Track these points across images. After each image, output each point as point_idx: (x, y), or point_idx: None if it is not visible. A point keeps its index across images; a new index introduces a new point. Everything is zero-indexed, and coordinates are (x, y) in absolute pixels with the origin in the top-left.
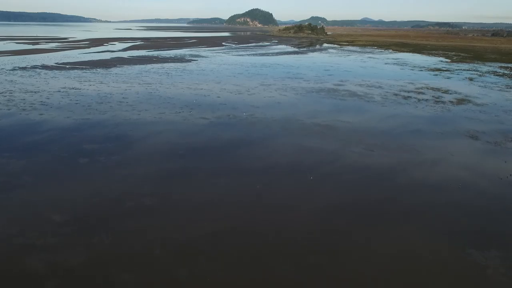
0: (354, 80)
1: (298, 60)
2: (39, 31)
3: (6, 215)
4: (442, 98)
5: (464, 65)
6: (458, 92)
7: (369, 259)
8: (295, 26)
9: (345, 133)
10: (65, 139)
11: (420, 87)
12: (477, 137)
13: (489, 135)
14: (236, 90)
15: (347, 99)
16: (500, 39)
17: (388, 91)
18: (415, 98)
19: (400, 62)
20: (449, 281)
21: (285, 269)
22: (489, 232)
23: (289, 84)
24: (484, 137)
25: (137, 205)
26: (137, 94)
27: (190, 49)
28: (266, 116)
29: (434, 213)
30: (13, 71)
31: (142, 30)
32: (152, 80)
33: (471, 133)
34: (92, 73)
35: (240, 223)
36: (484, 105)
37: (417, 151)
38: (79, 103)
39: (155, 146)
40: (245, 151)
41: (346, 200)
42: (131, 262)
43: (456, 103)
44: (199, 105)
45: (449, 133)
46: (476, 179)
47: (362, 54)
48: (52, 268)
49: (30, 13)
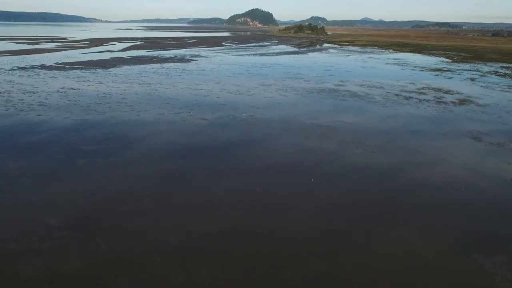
0: (354, 80)
1: (299, 60)
2: (39, 31)
3: (1, 216)
4: (443, 98)
5: (465, 65)
6: (459, 93)
7: (369, 259)
8: (295, 26)
9: (346, 133)
10: (63, 140)
11: (421, 87)
12: (480, 138)
13: (492, 136)
14: (236, 91)
15: (348, 100)
16: (501, 39)
17: (389, 92)
18: (416, 99)
19: (400, 62)
20: (449, 282)
21: (285, 269)
22: (492, 234)
23: (289, 84)
24: (487, 138)
25: (135, 207)
26: (137, 94)
27: (190, 49)
28: (266, 116)
29: (438, 213)
30: (12, 71)
31: (142, 30)
32: (151, 80)
33: (473, 134)
34: (91, 73)
35: (240, 223)
36: (486, 105)
37: (418, 152)
38: (78, 103)
39: (154, 146)
40: (245, 151)
41: (346, 200)
42: (130, 264)
43: (458, 104)
44: (198, 106)
45: (451, 134)
46: (479, 181)
47: (362, 54)
48: (45, 273)
49: (30, 13)
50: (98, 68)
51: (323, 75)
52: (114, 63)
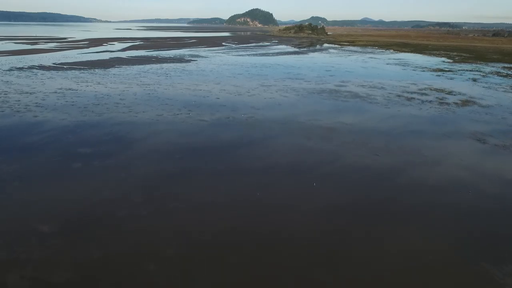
0: (355, 81)
1: (299, 60)
2: (38, 31)
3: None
4: (446, 99)
5: (467, 66)
6: (462, 93)
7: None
8: (295, 26)
9: (348, 134)
10: (59, 142)
11: (423, 88)
12: (485, 140)
13: (497, 138)
14: (236, 91)
15: (349, 101)
16: (502, 39)
17: (391, 92)
18: (418, 100)
19: (401, 63)
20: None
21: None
22: (494, 236)
23: (290, 85)
24: (492, 140)
25: (132, 211)
26: (135, 95)
27: (190, 49)
28: (266, 117)
29: (438, 213)
30: (10, 71)
31: (142, 30)
32: (150, 80)
33: (477, 136)
34: (89, 74)
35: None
36: (490, 106)
37: (422, 154)
38: (75, 104)
39: (154, 146)
40: (245, 151)
41: (347, 200)
42: (128, 266)
43: (461, 105)
44: (198, 107)
45: (455, 135)
46: (485, 183)
47: (363, 54)
48: (35, 283)
49: (30, 13)
50: (97, 69)
51: (324, 75)
52: (113, 63)
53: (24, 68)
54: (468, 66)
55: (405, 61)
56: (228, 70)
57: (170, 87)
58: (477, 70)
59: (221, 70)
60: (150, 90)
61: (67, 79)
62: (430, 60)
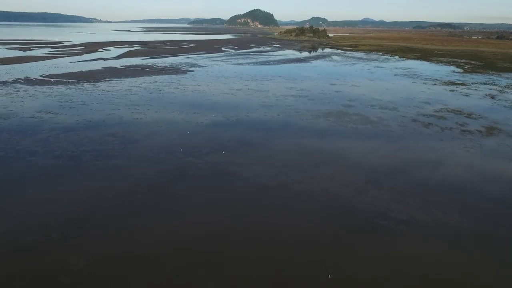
0: (364, 99)
1: (301, 70)
2: (36, 33)
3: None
4: (467, 125)
5: (479, 77)
6: (483, 117)
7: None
8: (296, 28)
9: (357, 177)
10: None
11: (439, 108)
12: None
13: None
14: (234, 115)
15: (359, 128)
16: (507, 42)
17: (404, 116)
18: (437, 126)
19: (410, 73)
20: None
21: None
22: None
23: (293, 105)
24: None
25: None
26: (121, 120)
27: (188, 56)
28: (266, 151)
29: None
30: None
31: (141, 32)
32: (140, 99)
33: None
34: (76, 90)
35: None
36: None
37: (453, 207)
38: (51, 136)
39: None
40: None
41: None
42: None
43: (486, 134)
44: (193, 136)
45: (492, 182)
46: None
47: (368, 63)
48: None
49: (30, 13)
50: (86, 83)
51: (329, 91)
52: (105, 75)
53: (8, 83)
54: (481, 78)
55: (414, 71)
56: (225, 84)
57: (161, 109)
58: (492, 83)
59: (218, 85)
60: (138, 113)
61: (50, 97)
62: (439, 70)
